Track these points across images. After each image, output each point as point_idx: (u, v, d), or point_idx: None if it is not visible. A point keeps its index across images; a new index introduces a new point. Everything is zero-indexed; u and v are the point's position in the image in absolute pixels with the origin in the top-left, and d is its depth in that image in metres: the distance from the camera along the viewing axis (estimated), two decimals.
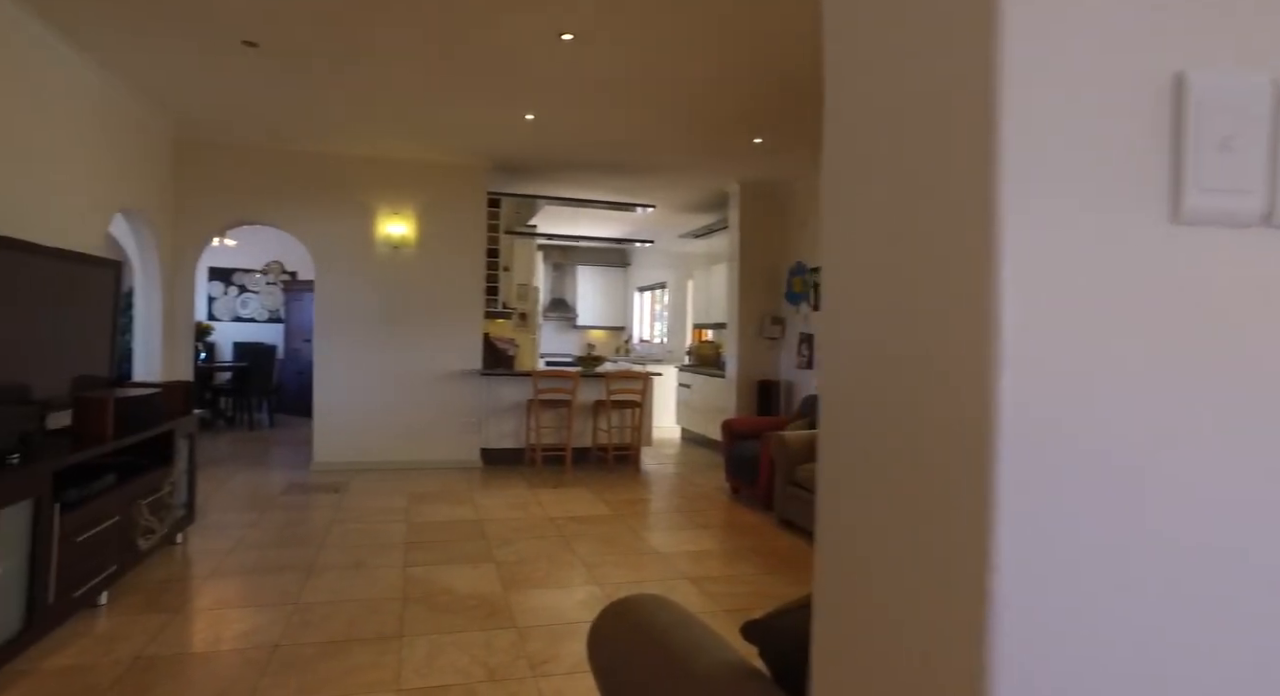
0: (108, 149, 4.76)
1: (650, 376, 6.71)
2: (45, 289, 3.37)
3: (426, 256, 6.52)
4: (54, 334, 3.47)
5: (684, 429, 9.04)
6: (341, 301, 6.35)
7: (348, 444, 6.35)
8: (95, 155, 4.60)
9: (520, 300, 8.41)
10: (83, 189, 4.47)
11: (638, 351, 12.23)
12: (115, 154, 4.90)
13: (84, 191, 4.48)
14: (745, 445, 5.66)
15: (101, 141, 4.65)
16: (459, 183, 6.59)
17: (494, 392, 6.68)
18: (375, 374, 6.41)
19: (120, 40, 4.06)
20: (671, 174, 6.97)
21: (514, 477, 6.23)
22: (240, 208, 6.13)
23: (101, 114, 4.63)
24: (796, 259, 7.19)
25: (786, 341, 7.35)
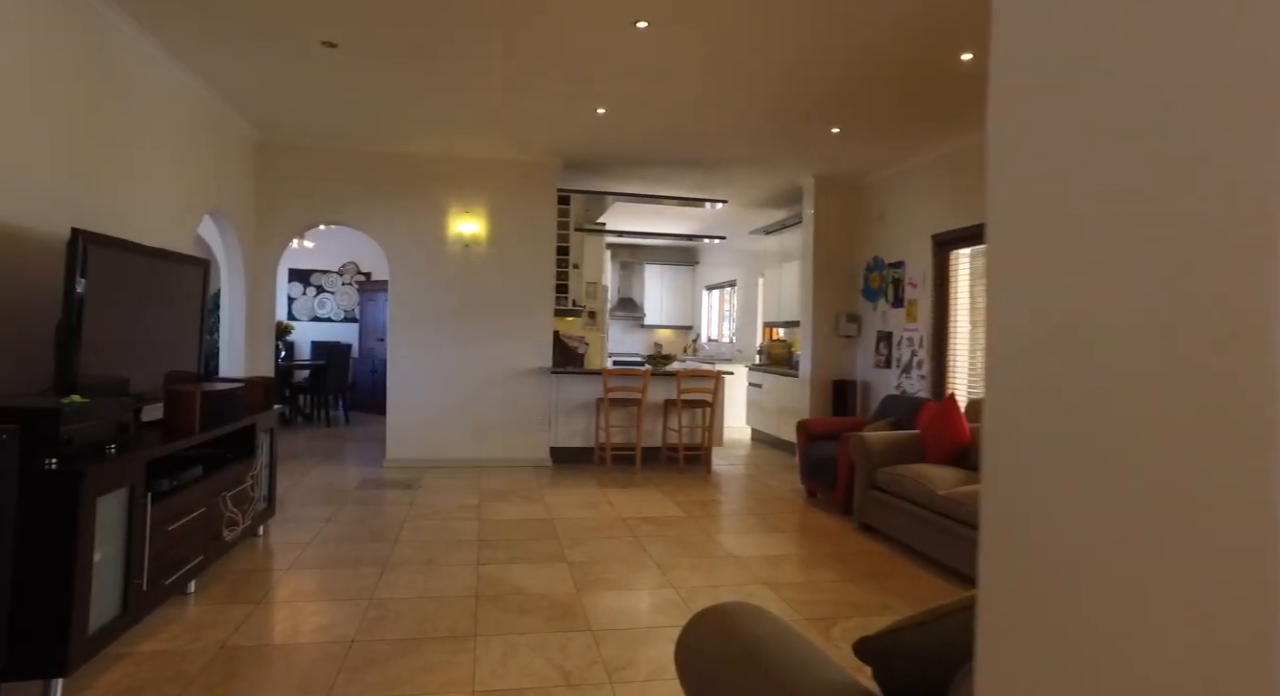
0: (197, 152, 4.93)
1: (721, 375, 6.57)
2: (142, 286, 3.48)
3: (497, 254, 6.55)
4: (150, 329, 3.59)
5: (754, 429, 8.85)
6: (414, 300, 6.43)
7: (420, 440, 6.42)
8: (186, 158, 4.76)
9: (589, 298, 8.39)
10: (175, 191, 4.63)
11: (705, 351, 12.07)
12: (204, 157, 5.07)
13: (176, 193, 4.65)
14: (822, 447, 5.46)
15: (192, 144, 4.82)
16: (529, 180, 6.59)
17: (564, 391, 6.66)
18: (447, 371, 6.48)
19: (209, 46, 4.18)
20: (744, 168, 6.81)
21: (583, 476, 6.19)
22: (318, 209, 6.28)
23: (191, 118, 4.80)
24: (873, 254, 6.92)
25: (863, 339, 7.09)
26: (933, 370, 5.97)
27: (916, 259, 6.22)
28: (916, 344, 6.18)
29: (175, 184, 4.64)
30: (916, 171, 6.23)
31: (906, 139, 5.65)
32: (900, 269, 6.47)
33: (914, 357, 6.21)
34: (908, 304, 6.33)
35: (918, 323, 6.18)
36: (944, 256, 5.92)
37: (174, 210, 4.64)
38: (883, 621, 3.12)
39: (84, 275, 2.90)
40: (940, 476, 3.99)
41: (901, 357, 6.40)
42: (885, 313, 6.70)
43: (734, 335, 11.23)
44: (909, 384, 6.26)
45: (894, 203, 6.59)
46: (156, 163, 4.37)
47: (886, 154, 6.13)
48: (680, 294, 12.78)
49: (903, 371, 6.37)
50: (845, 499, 5.00)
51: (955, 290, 5.85)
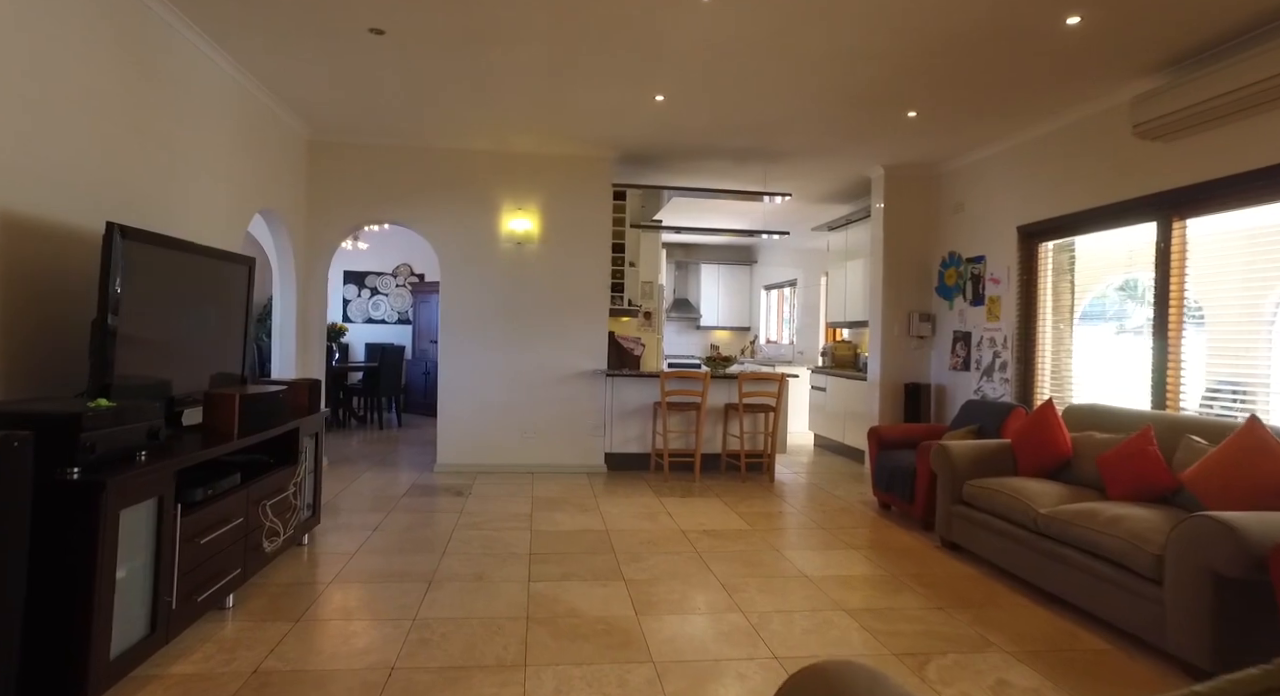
0: (246, 149, 4.83)
1: (785, 378, 6.20)
2: (184, 283, 3.34)
3: (550, 252, 6.33)
4: (191, 329, 3.45)
5: (817, 435, 8.43)
6: (465, 300, 6.26)
7: (471, 445, 6.24)
8: (235, 155, 4.66)
9: (646, 299, 8.11)
10: (224, 189, 4.53)
11: (764, 352, 11.67)
12: (253, 154, 4.97)
13: (225, 192, 4.54)
14: (896, 456, 5.05)
15: (240, 141, 4.72)
16: (583, 175, 6.35)
17: (619, 394, 6.39)
18: (498, 374, 6.28)
19: (255, 36, 4.04)
20: (809, 160, 6.42)
21: (639, 484, 5.90)
22: (368, 207, 6.16)
23: (240, 114, 4.70)
24: (949, 249, 6.45)
25: (937, 340, 6.61)
26: (1018, 373, 5.49)
27: (999, 252, 5.74)
28: (999, 344, 5.69)
29: (224, 182, 4.54)
30: (1000, 158, 5.75)
31: (991, 122, 5.20)
32: (980, 264, 5.99)
33: (996, 359, 5.73)
34: (989, 301, 5.85)
35: (1000, 321, 5.70)
36: (1031, 249, 5.43)
37: (223, 209, 4.54)
38: (986, 660, 2.74)
39: (120, 271, 2.75)
40: (1040, 492, 3.55)
41: (982, 359, 5.92)
42: (963, 311, 6.23)
43: (794, 336, 10.80)
44: (990, 388, 5.78)
45: (973, 193, 6.12)
46: (204, 160, 4.27)
47: (966, 140, 5.67)
48: (737, 294, 12.40)
49: (983, 374, 5.89)
50: (925, 513, 4.59)
51: (1043, 285, 5.36)
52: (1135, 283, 4.73)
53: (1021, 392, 5.48)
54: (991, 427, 4.74)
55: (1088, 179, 4.82)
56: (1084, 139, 4.86)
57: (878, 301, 6.75)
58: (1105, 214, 4.66)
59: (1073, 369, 5.24)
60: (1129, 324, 4.78)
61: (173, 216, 3.89)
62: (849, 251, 8.08)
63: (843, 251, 8.26)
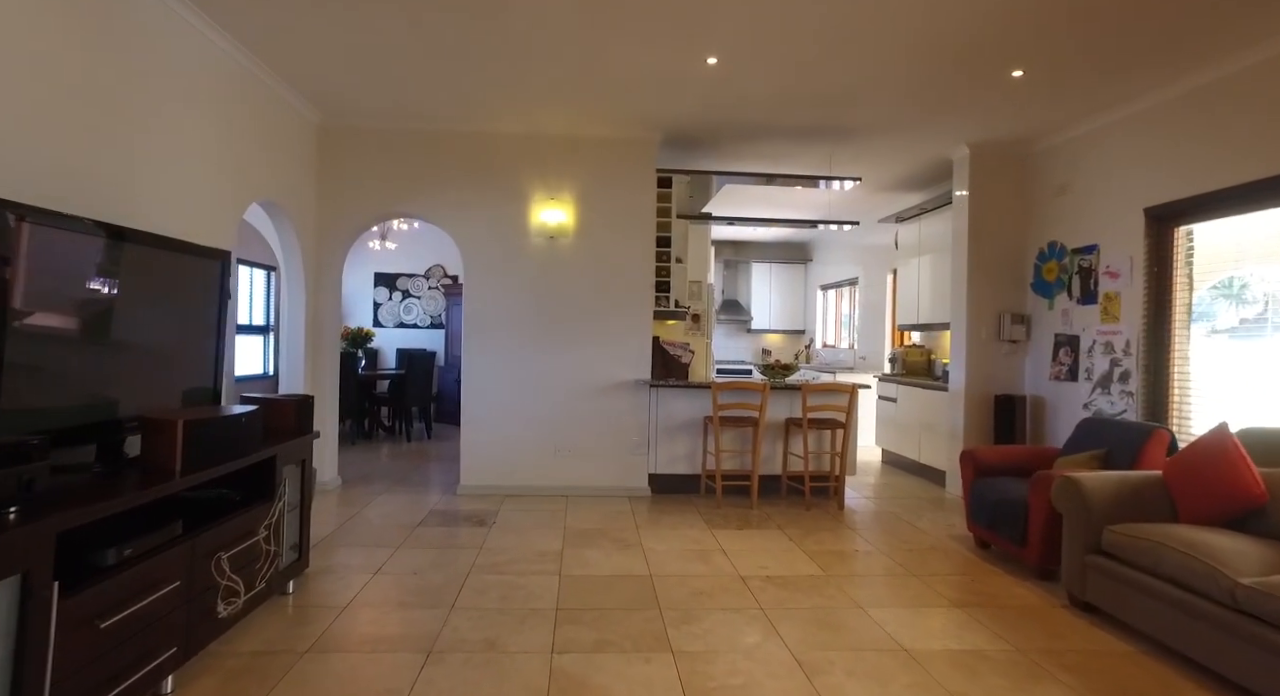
0: (240, 133, 4.23)
1: (856, 390, 5.37)
2: (131, 280, 2.71)
3: (586, 247, 5.61)
4: (142, 335, 2.82)
5: (885, 450, 7.53)
6: (491, 300, 5.58)
7: (498, 465, 5.55)
8: (227, 140, 4.06)
9: (694, 299, 7.34)
10: (212, 177, 3.92)
11: (821, 358, 10.78)
12: (249, 139, 4.37)
13: (214, 180, 3.94)
14: (998, 485, 4.18)
15: (233, 124, 4.11)
16: (623, 159, 5.62)
17: (665, 407, 5.63)
18: (529, 384, 5.58)
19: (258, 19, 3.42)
20: (881, 139, 5.58)
21: (688, 511, 5.13)
22: (386, 199, 5.53)
23: (233, 93, 4.10)
24: (1049, 238, 5.53)
25: (1034, 345, 5.69)
26: (1146, 385, 4.56)
27: (1118, 240, 4.81)
28: (1119, 350, 4.77)
29: (212, 169, 3.94)
30: (1122, 126, 4.82)
31: (1117, 79, 4.30)
32: (1091, 255, 5.07)
33: (1115, 368, 4.80)
34: (1104, 299, 4.92)
35: (1120, 322, 4.77)
36: (1164, 235, 4.50)
37: (210, 200, 3.93)
38: None
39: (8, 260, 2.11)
40: (1233, 552, 2.67)
41: (1094, 368, 5.00)
42: (1067, 311, 5.30)
43: (855, 340, 9.90)
44: (1107, 403, 4.85)
45: (1082, 171, 5.19)
46: (187, 143, 3.67)
47: (1077, 106, 4.76)
48: (790, 295, 11.53)
49: (1097, 386, 4.96)
50: (1042, 559, 3.72)
51: (1179, 279, 4.42)
52: None
53: (1150, 409, 4.55)
54: (1123, 454, 3.84)
55: (1246, 146, 3.89)
56: (1245, 94, 3.93)
57: (961, 301, 5.86)
58: (1270, 189, 3.73)
59: (1191, 380, 4.32)
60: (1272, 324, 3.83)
61: (137, 205, 3.28)
62: (922, 245, 7.19)
63: (914, 245, 7.37)
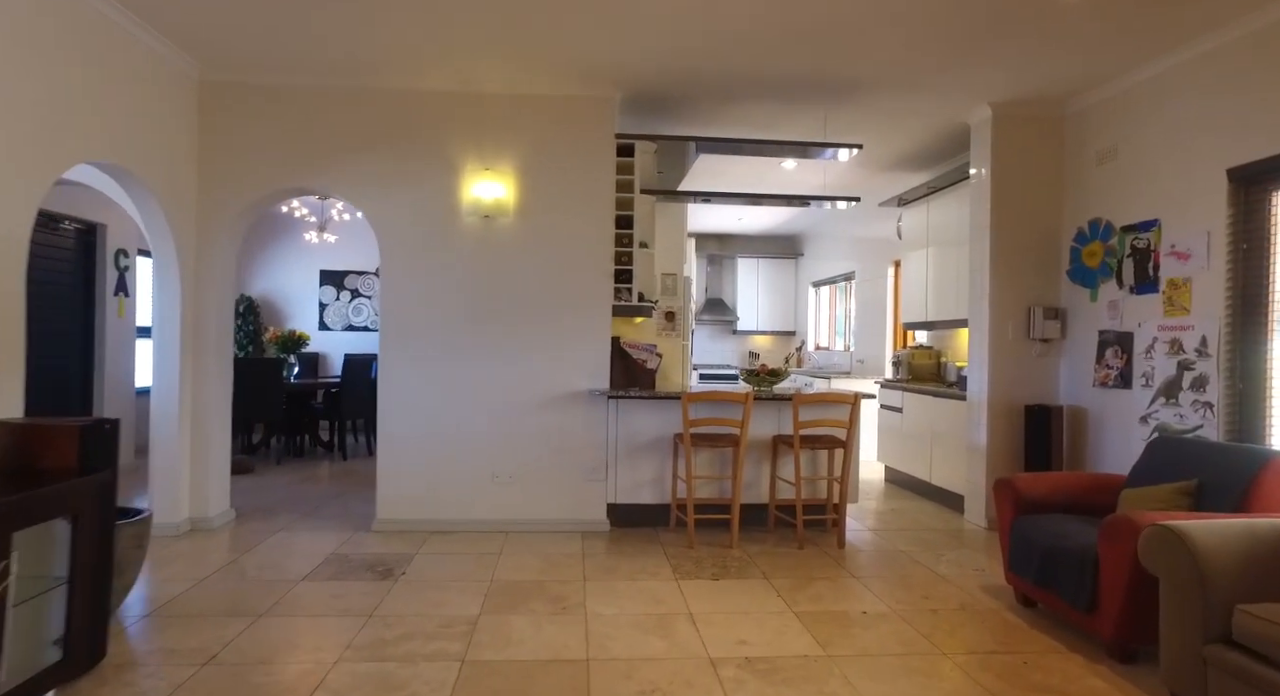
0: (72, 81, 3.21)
1: (859, 400, 4.38)
2: None
3: (530, 227, 4.61)
4: None
5: (889, 467, 6.56)
6: (414, 295, 4.57)
7: (422, 495, 4.54)
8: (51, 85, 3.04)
9: (668, 295, 6.36)
10: (14, 126, 2.91)
11: (814, 362, 9.81)
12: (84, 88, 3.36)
13: (14, 130, 2.92)
14: (1046, 526, 3.20)
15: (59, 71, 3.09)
16: (576, 122, 4.63)
17: (627, 423, 4.64)
18: (460, 397, 4.57)
19: None
20: (883, 97, 4.62)
21: (652, 553, 4.13)
22: (284, 171, 4.51)
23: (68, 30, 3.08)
24: (1091, 216, 4.57)
25: (1072, 344, 4.73)
26: (1231, 395, 3.59)
27: (1188, 212, 3.85)
28: (1190, 350, 3.80)
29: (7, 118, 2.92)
30: (1191, 70, 3.87)
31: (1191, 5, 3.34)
32: (1148, 232, 4.11)
33: (1184, 373, 3.83)
34: (1168, 286, 3.96)
35: (1192, 315, 3.81)
36: (1256, 202, 3.53)
37: None
38: None
39: None
40: None
41: (1155, 372, 4.03)
42: (1117, 302, 4.34)
43: (852, 342, 8.93)
44: (1175, 416, 3.89)
45: (1133, 131, 4.24)
46: None
47: (1132, 48, 3.81)
48: (780, 292, 10.56)
49: (1160, 395, 3.99)
50: (1122, 634, 2.73)
51: (1274, 255, 3.46)
52: None
53: (1236, 426, 3.58)
54: (1225, 489, 2.87)
55: None
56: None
57: (982, 293, 4.89)
58: None
59: (1272, 390, 3.39)
60: None
61: None
62: (931, 231, 6.23)
63: (921, 231, 6.41)
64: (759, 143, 4.76)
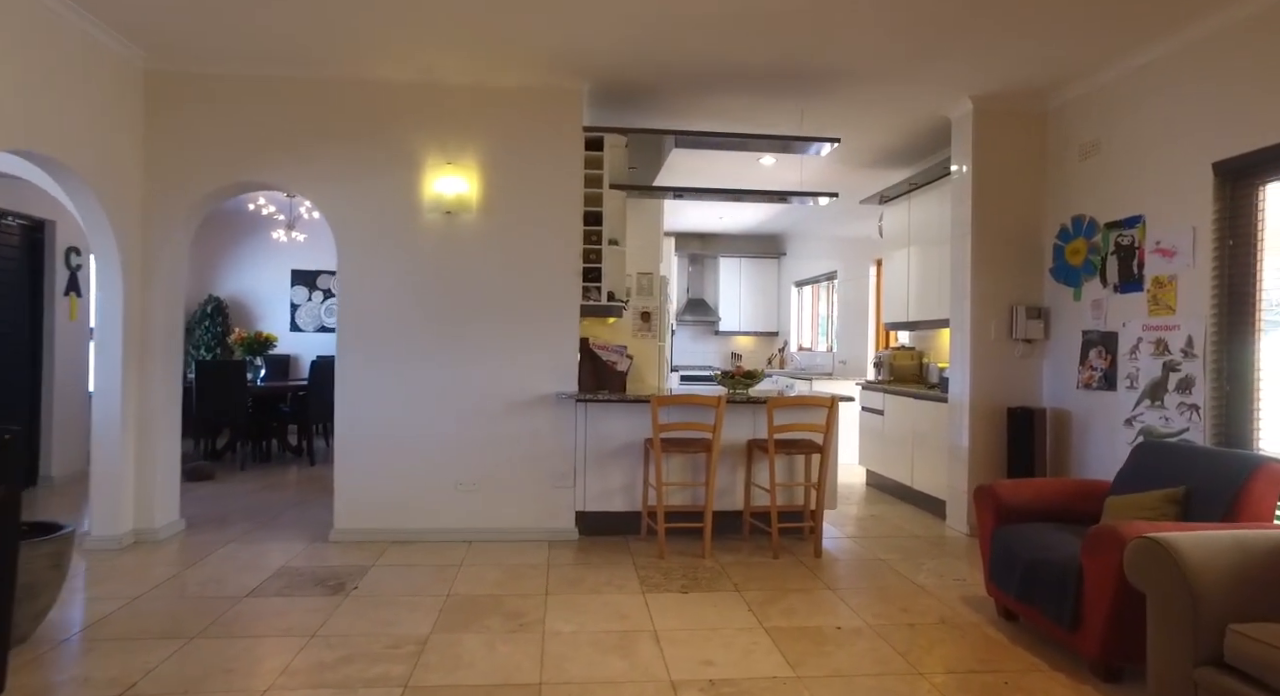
0: None
1: (837, 403, 4.22)
2: None
3: (495, 224, 4.43)
4: None
5: (870, 471, 6.41)
6: (373, 294, 4.38)
7: (382, 503, 4.34)
8: None
9: (644, 295, 6.19)
10: None
11: (796, 362, 9.67)
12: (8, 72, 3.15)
13: None
14: (1028, 536, 3.05)
15: None
16: (541, 115, 4.45)
17: (597, 427, 4.46)
18: (422, 400, 4.38)
19: None
20: (861, 89, 4.47)
21: (620, 563, 3.96)
22: (235, 165, 4.31)
23: None
24: (1074, 212, 4.44)
25: (1055, 345, 4.60)
26: (1218, 396, 3.46)
27: (1173, 208, 3.72)
28: (1176, 350, 3.67)
29: None
30: (1177, 61, 3.74)
31: None
32: (1133, 229, 3.98)
33: (1170, 374, 3.70)
34: (1152, 284, 3.83)
35: (1177, 314, 3.68)
36: (1243, 196, 3.40)
37: None
38: None
39: None
40: None
41: (1140, 373, 3.90)
42: (1101, 301, 4.21)
43: (834, 342, 8.79)
44: (1161, 419, 3.75)
45: (1118, 124, 4.11)
46: None
47: (1119, 37, 3.67)
48: (762, 292, 10.41)
49: (1145, 397, 3.86)
50: (1107, 653, 2.58)
51: (1262, 251, 3.33)
52: None
53: (1224, 429, 3.45)
54: (1213, 496, 2.73)
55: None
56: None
57: (964, 292, 4.75)
58: None
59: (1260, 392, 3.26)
60: None
61: None
62: (912, 228, 6.09)
63: (903, 229, 6.27)
64: (734, 136, 4.59)
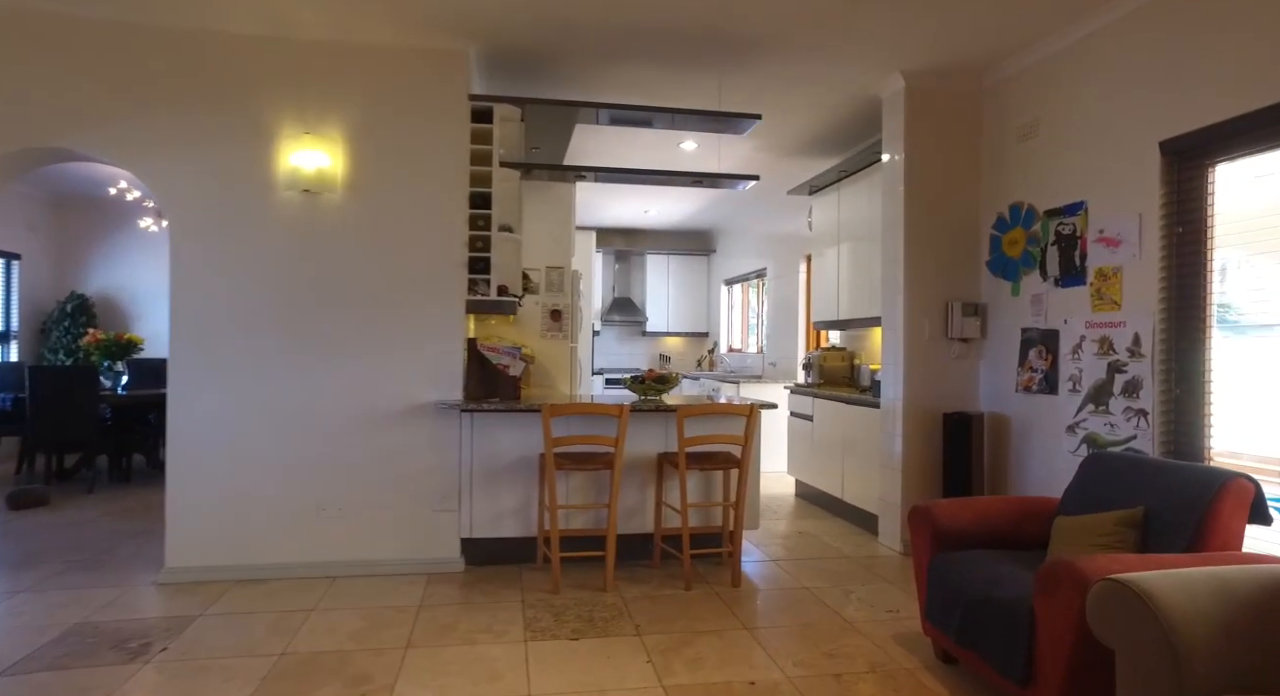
0: None
1: (757, 411, 3.74)
2: None
3: (363, 205, 3.80)
4: None
5: (799, 481, 5.99)
6: (215, 288, 3.69)
7: (226, 534, 3.65)
8: None
9: (554, 291, 5.62)
10: None
11: (727, 364, 9.25)
12: None
13: None
14: (971, 566, 2.62)
15: None
16: (420, 80, 3.85)
17: (485, 441, 3.87)
18: (277, 411, 3.71)
19: None
20: (784, 61, 4.01)
21: (507, 601, 3.38)
22: (33, 128, 3.55)
23: None
24: (1011, 199, 4.09)
25: (994, 344, 4.24)
26: (1165, 400, 3.11)
27: (1117, 193, 3.37)
28: (1122, 350, 3.31)
29: None
30: (1116, 31, 3.38)
31: None
32: (1074, 216, 3.62)
33: (1116, 376, 3.34)
34: (1096, 277, 3.48)
35: (1123, 309, 3.32)
36: (1192, 178, 3.05)
37: None
38: None
39: None
40: None
41: (1083, 375, 3.54)
42: (1041, 296, 3.85)
43: (765, 343, 8.40)
44: (1103, 425, 3.39)
45: (1059, 104, 3.75)
46: None
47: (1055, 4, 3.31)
48: (692, 291, 9.97)
49: (1088, 401, 3.50)
50: None
51: (1212, 240, 2.99)
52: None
53: (1174, 437, 3.10)
54: (1175, 517, 2.33)
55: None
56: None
57: (896, 288, 4.35)
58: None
59: (1211, 396, 2.93)
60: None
61: None
62: (842, 221, 5.70)
63: (833, 221, 5.88)
64: (644, 109, 4.07)
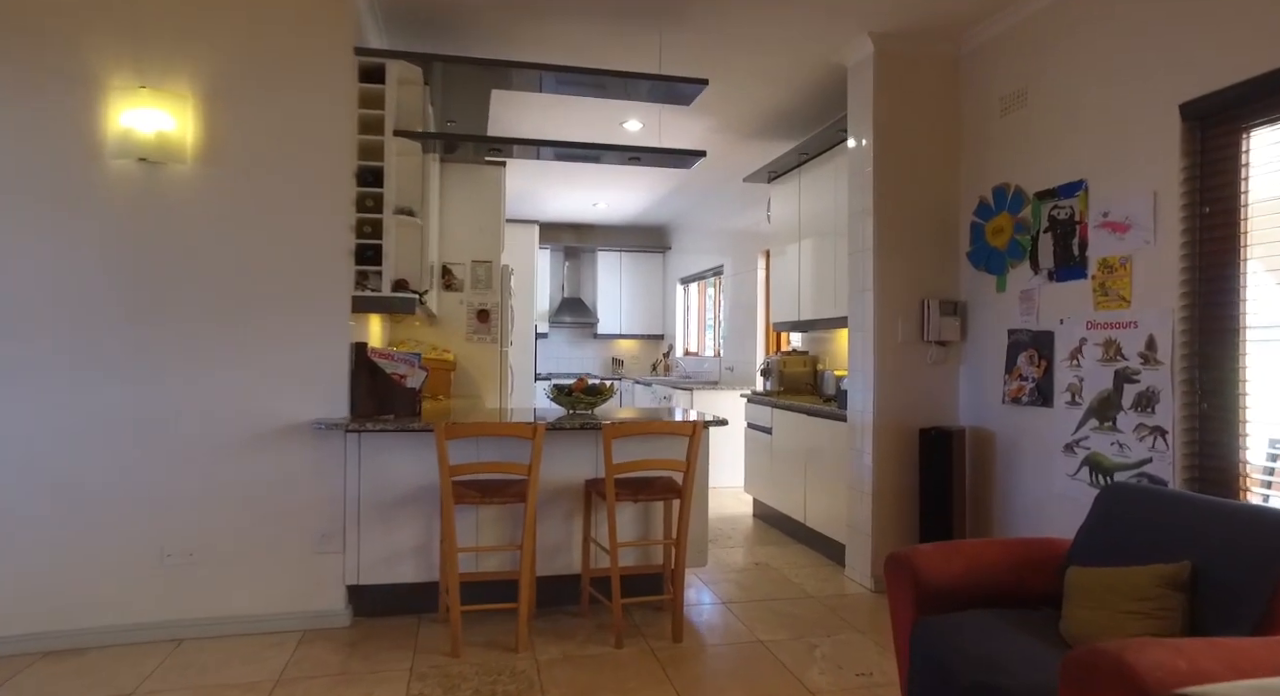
0: None
1: (700, 429, 3.11)
2: None
3: (220, 178, 3.09)
4: None
5: (758, 501, 5.40)
6: (23, 277, 2.94)
7: (33, 592, 2.91)
8: None
9: (481, 289, 4.95)
10: None
11: (682, 369, 8.65)
12: None
13: None
14: (965, 638, 2.03)
15: None
16: (294, 27, 3.15)
17: (376, 467, 3.18)
18: (109, 434, 2.98)
19: None
20: (733, 18, 3.41)
21: (393, 668, 2.71)
22: None
23: None
24: (996, 181, 3.54)
25: (976, 348, 3.69)
26: (1188, 413, 2.57)
27: (1124, 170, 2.83)
28: (1134, 355, 2.77)
29: None
30: None
31: None
32: (1072, 198, 3.08)
33: (1126, 386, 2.80)
34: (1099, 268, 2.94)
35: (1132, 307, 2.78)
36: (1224, 148, 2.52)
37: None
38: None
39: None
40: None
41: (1086, 384, 2.99)
42: (1032, 292, 3.31)
43: (721, 346, 7.82)
44: (1110, 444, 2.85)
45: (1049, 67, 3.21)
46: None
47: None
48: (646, 291, 9.35)
49: (1093, 415, 2.95)
50: None
51: (1246, 220, 2.45)
52: None
53: (1198, 460, 2.56)
54: (1236, 579, 1.77)
55: None
56: None
57: (865, 284, 3.78)
58: None
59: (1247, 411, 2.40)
60: None
61: None
62: (803, 211, 5.13)
63: (793, 212, 5.31)
64: (571, 70, 3.43)
